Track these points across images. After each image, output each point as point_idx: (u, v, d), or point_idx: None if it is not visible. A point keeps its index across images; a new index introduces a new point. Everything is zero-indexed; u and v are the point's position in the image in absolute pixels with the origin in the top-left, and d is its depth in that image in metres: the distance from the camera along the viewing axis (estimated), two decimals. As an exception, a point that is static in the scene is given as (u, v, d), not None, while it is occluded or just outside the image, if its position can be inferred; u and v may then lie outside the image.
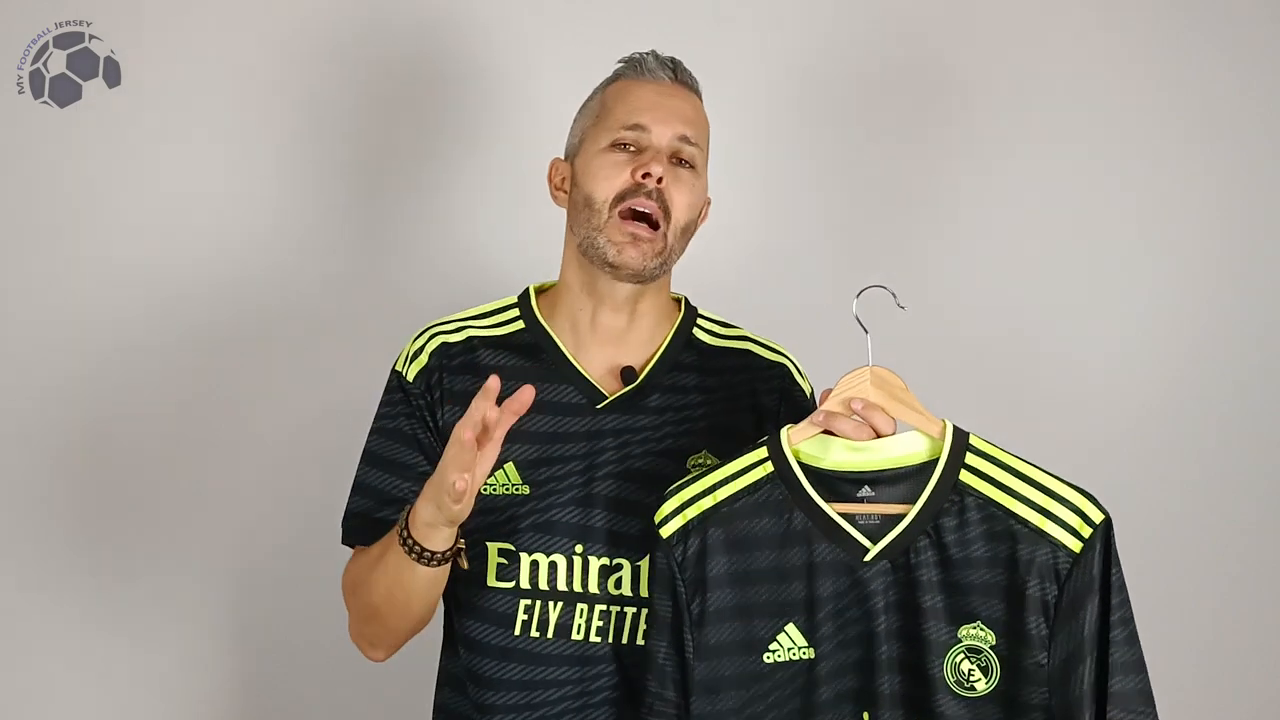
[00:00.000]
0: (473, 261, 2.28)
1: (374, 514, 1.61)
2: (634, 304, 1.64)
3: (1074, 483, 1.39)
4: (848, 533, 1.39)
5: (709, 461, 1.59)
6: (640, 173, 1.57)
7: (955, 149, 2.42)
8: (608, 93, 1.65)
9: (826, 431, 1.42)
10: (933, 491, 1.38)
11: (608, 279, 1.61)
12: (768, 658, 1.40)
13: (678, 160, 1.60)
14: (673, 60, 1.66)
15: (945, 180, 2.41)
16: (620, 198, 1.57)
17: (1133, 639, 1.36)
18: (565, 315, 1.66)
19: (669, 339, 1.66)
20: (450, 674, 1.66)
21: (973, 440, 1.41)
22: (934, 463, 1.40)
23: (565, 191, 1.66)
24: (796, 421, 1.50)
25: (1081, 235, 2.45)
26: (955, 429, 1.41)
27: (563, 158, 1.69)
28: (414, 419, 1.61)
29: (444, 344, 1.64)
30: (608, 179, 1.58)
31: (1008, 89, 2.42)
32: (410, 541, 1.47)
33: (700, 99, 1.67)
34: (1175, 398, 2.47)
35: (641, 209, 1.56)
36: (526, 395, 1.39)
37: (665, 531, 1.44)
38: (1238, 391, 2.48)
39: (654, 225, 1.57)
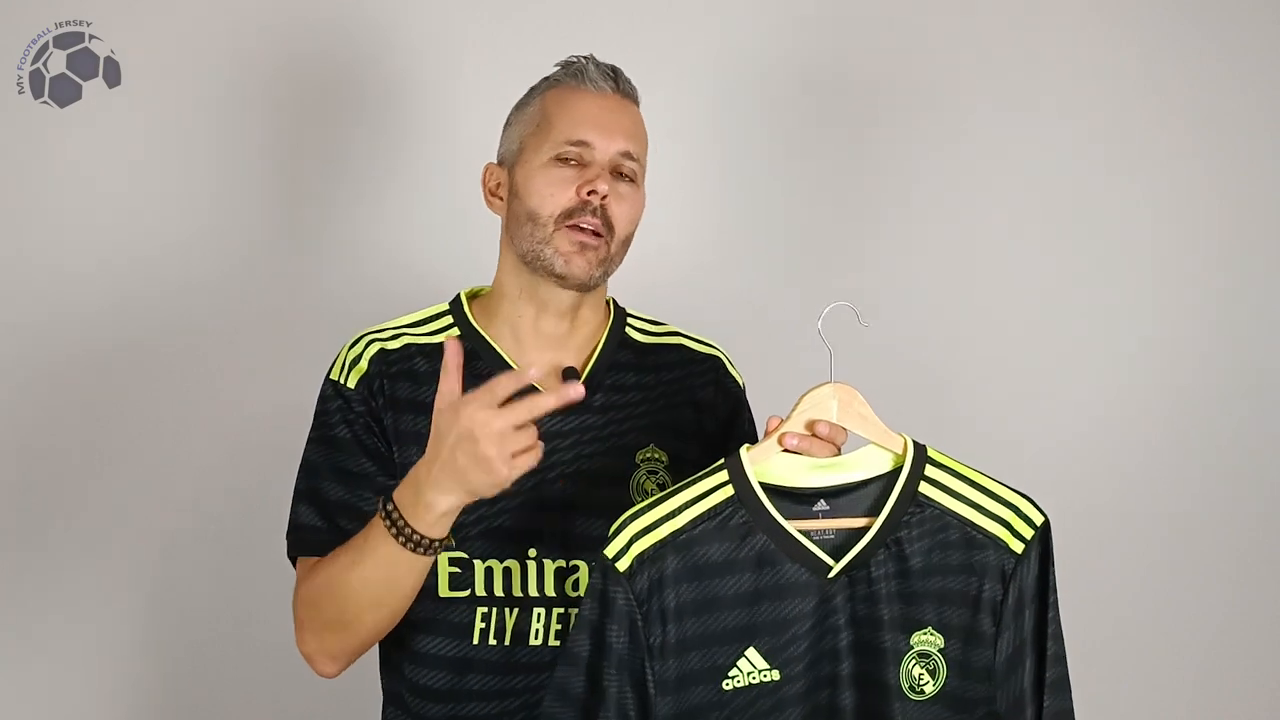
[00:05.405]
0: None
1: (333, 525, 1.57)
2: (575, 310, 1.64)
3: (1015, 487, 1.43)
4: (811, 551, 1.39)
5: (657, 455, 1.61)
6: (586, 190, 1.57)
7: (951, 149, 2.41)
8: (547, 100, 1.63)
9: (787, 450, 1.41)
10: (895, 504, 1.39)
11: (550, 286, 1.61)
12: (726, 685, 1.39)
13: (618, 174, 1.60)
14: (613, 69, 1.63)
15: (934, 183, 2.41)
16: (566, 214, 1.57)
17: (1060, 632, 1.43)
18: (504, 321, 1.64)
19: (604, 339, 1.66)
20: (395, 693, 1.63)
21: (930, 453, 1.42)
22: (895, 476, 1.40)
23: (501, 198, 1.65)
24: (731, 412, 1.53)
25: (1078, 236, 2.44)
26: (915, 443, 1.42)
27: (496, 162, 1.67)
28: (358, 425, 1.58)
29: (382, 350, 1.61)
30: (552, 195, 1.57)
31: (1005, 89, 2.41)
32: (408, 530, 1.42)
33: (638, 108, 1.65)
34: (1176, 404, 2.47)
35: (585, 226, 1.57)
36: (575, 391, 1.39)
37: (621, 565, 1.38)
38: (1239, 394, 2.47)
39: (597, 234, 1.58)
